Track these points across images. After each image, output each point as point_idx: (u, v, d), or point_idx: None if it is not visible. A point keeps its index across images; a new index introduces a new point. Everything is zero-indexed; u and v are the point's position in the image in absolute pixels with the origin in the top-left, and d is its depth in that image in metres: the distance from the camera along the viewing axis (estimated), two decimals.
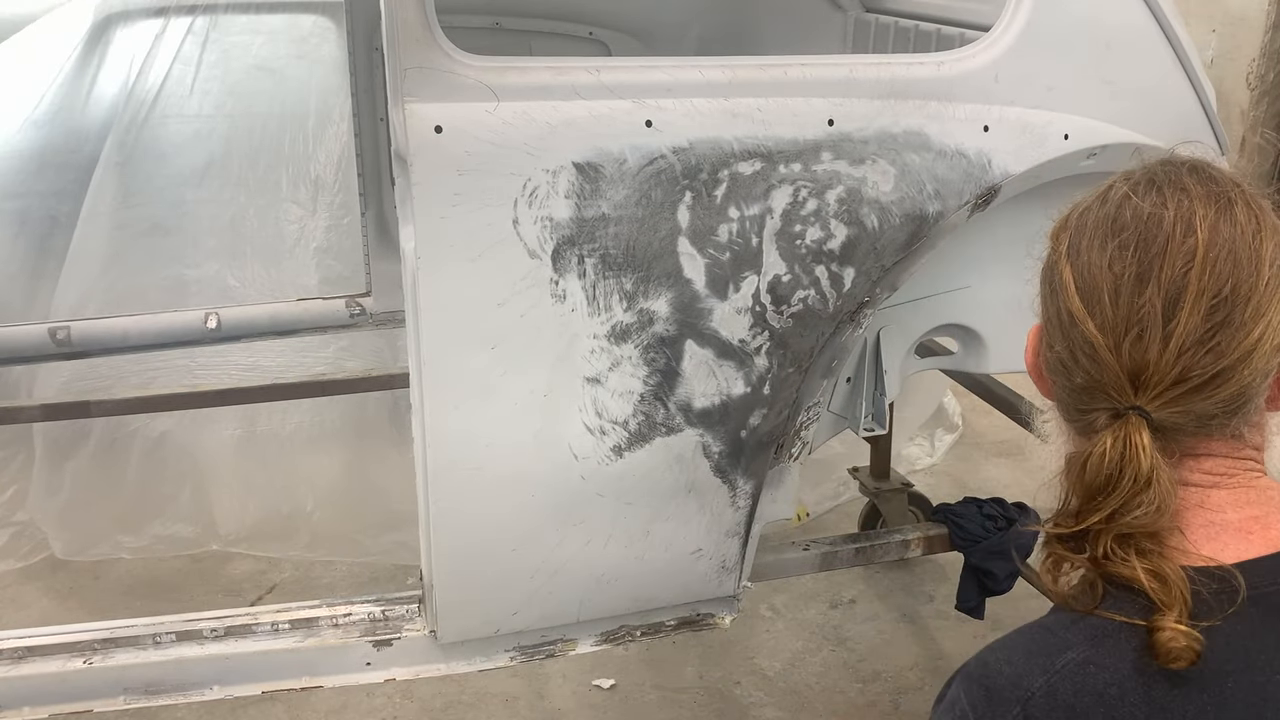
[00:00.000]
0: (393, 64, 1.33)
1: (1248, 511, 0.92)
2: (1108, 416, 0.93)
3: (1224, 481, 0.93)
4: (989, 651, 0.93)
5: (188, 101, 2.84)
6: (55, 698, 1.63)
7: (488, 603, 1.65)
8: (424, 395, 1.46)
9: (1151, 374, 0.91)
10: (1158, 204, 0.93)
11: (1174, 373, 0.90)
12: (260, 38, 2.93)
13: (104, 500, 2.88)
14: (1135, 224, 0.93)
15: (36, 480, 2.87)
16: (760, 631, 2.67)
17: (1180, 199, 0.94)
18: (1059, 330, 0.97)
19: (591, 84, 1.40)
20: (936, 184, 1.55)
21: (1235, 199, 0.94)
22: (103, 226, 2.80)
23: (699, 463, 1.63)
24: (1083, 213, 1.00)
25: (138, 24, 2.84)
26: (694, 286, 1.51)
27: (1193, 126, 1.75)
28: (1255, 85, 3.91)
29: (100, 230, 2.80)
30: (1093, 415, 0.95)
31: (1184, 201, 0.93)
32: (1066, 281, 0.96)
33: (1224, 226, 0.91)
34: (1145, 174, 0.98)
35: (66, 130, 2.82)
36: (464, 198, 1.37)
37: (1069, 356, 0.95)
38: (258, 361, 2.83)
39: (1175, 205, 0.93)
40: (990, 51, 1.58)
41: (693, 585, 1.76)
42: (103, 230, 2.80)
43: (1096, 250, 0.94)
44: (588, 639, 1.77)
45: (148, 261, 2.83)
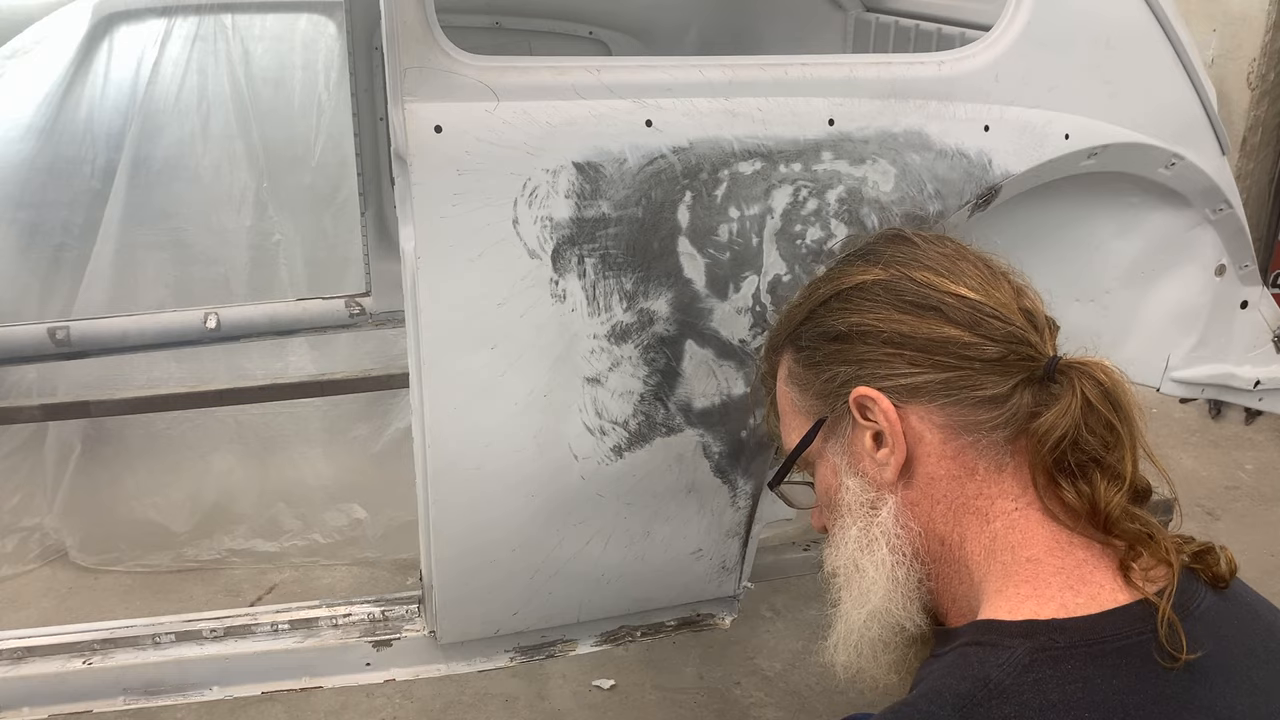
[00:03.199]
0: (392, 63, 1.33)
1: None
2: (1030, 386, 0.97)
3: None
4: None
5: (195, 106, 2.83)
6: (55, 698, 1.63)
7: (488, 603, 1.65)
8: (424, 395, 1.45)
9: (1045, 325, 1.02)
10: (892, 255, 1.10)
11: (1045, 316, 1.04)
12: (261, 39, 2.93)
13: (120, 505, 2.89)
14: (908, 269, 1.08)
15: (54, 486, 2.87)
16: (760, 632, 2.67)
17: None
18: (948, 321, 1.00)
19: (591, 84, 1.40)
20: (937, 184, 1.55)
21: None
22: (122, 238, 2.80)
23: (699, 463, 1.62)
24: (861, 285, 1.09)
25: (137, 25, 2.84)
26: (694, 286, 1.51)
27: (1193, 126, 1.75)
28: (1256, 85, 3.90)
29: (121, 242, 2.79)
30: (1012, 388, 0.97)
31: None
32: (935, 281, 1.02)
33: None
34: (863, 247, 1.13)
35: (74, 137, 2.81)
36: (464, 197, 1.37)
37: (974, 332, 0.98)
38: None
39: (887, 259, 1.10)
40: (991, 51, 1.58)
41: (693, 585, 1.76)
42: (123, 242, 2.80)
43: (935, 257, 1.06)
44: (588, 639, 1.77)
45: (166, 272, 2.83)
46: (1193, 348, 1.95)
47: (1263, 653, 0.89)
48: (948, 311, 1.00)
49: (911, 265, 1.05)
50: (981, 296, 1.00)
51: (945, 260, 1.05)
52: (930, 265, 1.04)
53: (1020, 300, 1.03)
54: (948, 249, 1.07)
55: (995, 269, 1.06)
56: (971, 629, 0.90)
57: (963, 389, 0.98)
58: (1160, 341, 1.94)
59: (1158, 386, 1.98)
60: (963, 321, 0.99)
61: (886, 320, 1.02)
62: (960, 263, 1.05)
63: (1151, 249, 1.86)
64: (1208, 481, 3.52)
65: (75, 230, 2.82)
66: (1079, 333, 1.88)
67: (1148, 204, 1.82)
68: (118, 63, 2.81)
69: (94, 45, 2.80)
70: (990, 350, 0.97)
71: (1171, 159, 1.73)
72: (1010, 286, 1.04)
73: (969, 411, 0.98)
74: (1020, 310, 1.01)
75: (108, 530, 2.87)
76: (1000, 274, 1.06)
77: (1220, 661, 0.85)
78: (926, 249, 1.08)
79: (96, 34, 2.80)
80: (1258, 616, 0.94)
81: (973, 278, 1.03)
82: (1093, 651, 0.82)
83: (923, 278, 1.03)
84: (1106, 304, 1.90)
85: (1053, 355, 0.99)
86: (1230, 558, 0.95)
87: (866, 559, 1.02)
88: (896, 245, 1.10)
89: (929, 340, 0.99)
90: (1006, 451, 0.97)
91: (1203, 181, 1.77)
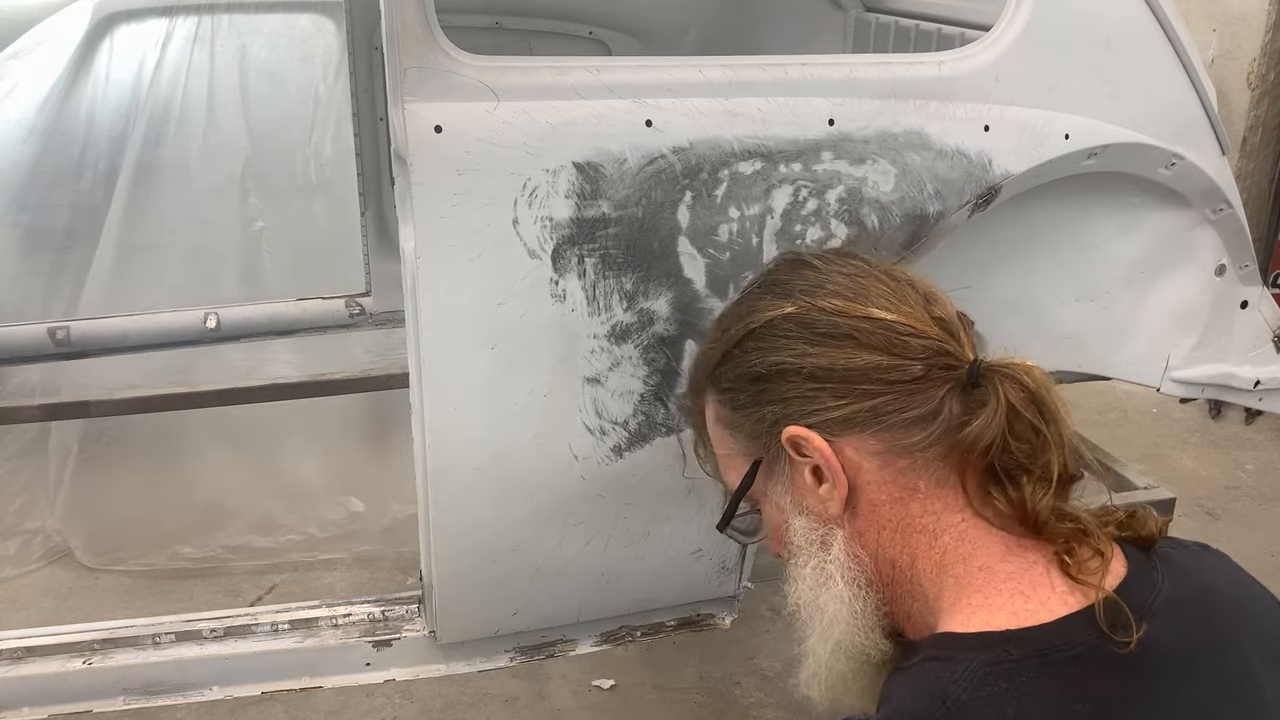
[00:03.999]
0: (392, 63, 1.33)
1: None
2: (956, 393, 0.97)
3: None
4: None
5: (196, 108, 2.83)
6: (55, 698, 1.63)
7: (488, 603, 1.65)
8: (424, 395, 1.45)
9: (956, 324, 1.01)
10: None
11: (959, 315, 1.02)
12: (260, 39, 2.93)
13: (122, 504, 2.89)
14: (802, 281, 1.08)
15: (55, 488, 2.88)
16: (761, 632, 2.67)
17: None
18: (865, 346, 0.98)
19: (591, 84, 1.40)
20: (937, 184, 1.55)
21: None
22: (125, 240, 2.80)
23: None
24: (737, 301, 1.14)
25: (137, 25, 2.84)
26: (694, 286, 1.51)
27: (1193, 126, 1.75)
28: (1256, 85, 3.90)
29: (123, 244, 2.79)
30: (939, 402, 0.96)
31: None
32: (845, 307, 1.01)
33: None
34: (768, 278, 1.13)
35: (75, 138, 2.81)
36: (464, 197, 1.37)
37: (892, 355, 0.97)
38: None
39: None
40: (991, 51, 1.58)
41: (693, 585, 1.76)
42: (126, 244, 2.80)
43: (841, 278, 1.05)
44: (588, 639, 1.77)
45: (169, 273, 2.83)
46: (1193, 348, 1.95)
47: (1230, 639, 0.89)
48: (861, 338, 0.99)
49: (818, 293, 1.04)
50: (893, 314, 1.00)
51: (850, 282, 1.04)
52: (836, 290, 1.04)
53: (931, 308, 1.02)
54: (850, 268, 1.07)
55: (900, 279, 1.05)
56: (930, 643, 0.91)
57: (891, 413, 0.97)
58: (1160, 341, 1.94)
59: (1158, 386, 1.98)
60: (879, 345, 0.98)
61: (803, 356, 1.01)
62: (865, 280, 1.04)
63: (1152, 249, 1.86)
64: (1208, 481, 3.52)
65: (78, 232, 2.82)
66: (1079, 333, 1.90)
67: (1148, 204, 1.82)
68: (118, 63, 2.81)
69: (94, 45, 2.80)
70: (911, 369, 0.97)
71: (1171, 159, 1.73)
72: (918, 294, 1.03)
73: (901, 434, 0.97)
74: (933, 320, 1.01)
75: (110, 530, 2.88)
76: (906, 284, 1.05)
77: (1182, 655, 0.85)
78: (829, 272, 1.07)
79: (96, 34, 2.80)
80: (1229, 602, 0.94)
81: (880, 295, 1.02)
82: (1046, 662, 0.82)
83: (831, 305, 1.02)
84: (1106, 304, 1.90)
85: (973, 359, 0.99)
86: (1154, 518, 0.98)
87: (825, 595, 1.02)
88: (799, 271, 1.09)
89: (849, 370, 0.98)
90: (945, 465, 0.97)
91: (1203, 181, 1.77)
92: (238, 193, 2.89)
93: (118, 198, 2.78)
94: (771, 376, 1.03)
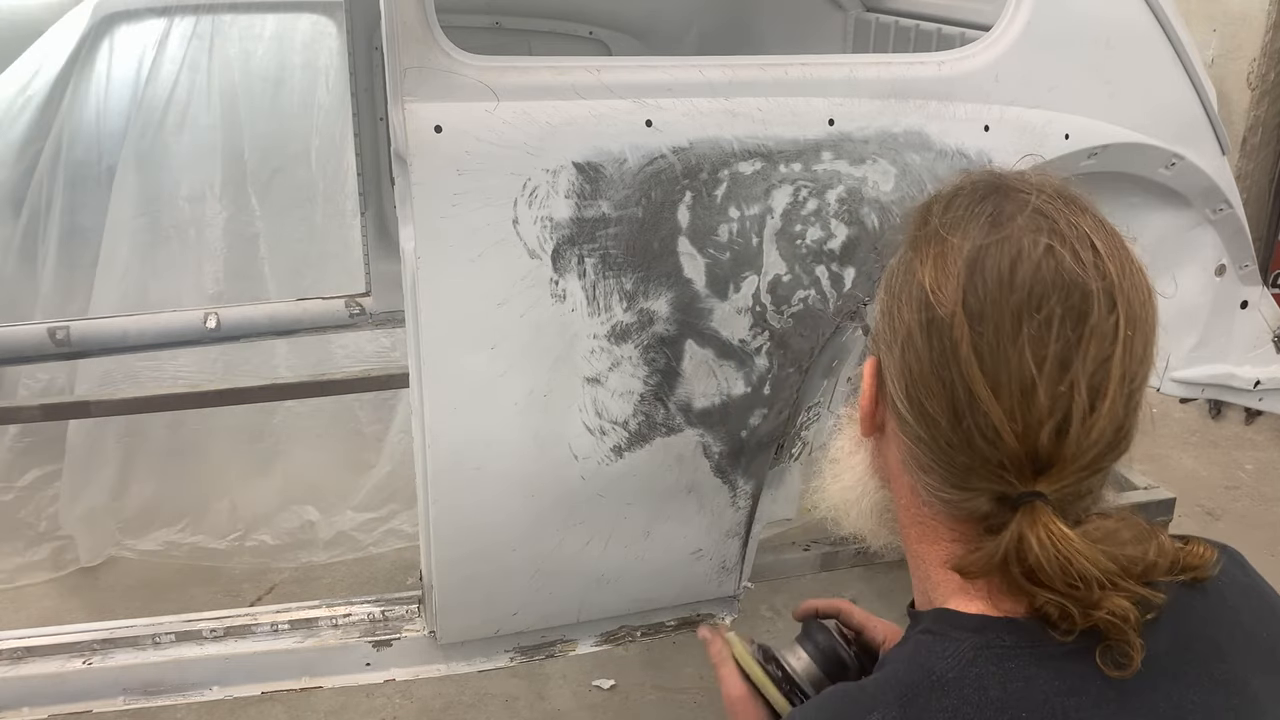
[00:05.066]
0: (392, 63, 1.33)
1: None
2: (992, 499, 0.84)
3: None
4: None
5: (194, 106, 2.84)
6: (55, 698, 1.63)
7: (488, 603, 1.65)
8: (424, 395, 1.45)
9: (1067, 462, 0.81)
10: (1075, 265, 0.81)
11: (1088, 458, 0.81)
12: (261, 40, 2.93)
13: (128, 504, 2.90)
14: (1056, 293, 0.81)
15: (65, 488, 2.89)
16: (761, 632, 2.67)
17: (1092, 256, 0.83)
18: (945, 403, 0.84)
19: (591, 84, 1.40)
20: (937, 184, 1.55)
21: (1125, 243, 0.87)
22: (128, 239, 2.80)
23: (699, 463, 1.62)
24: (976, 252, 0.84)
25: (137, 25, 2.84)
26: (694, 286, 1.51)
27: (1193, 126, 1.75)
28: (1256, 85, 3.90)
29: (126, 243, 2.80)
30: (969, 494, 0.85)
31: (1099, 261, 0.82)
32: (966, 356, 0.82)
33: (1134, 290, 0.83)
34: (1036, 212, 0.85)
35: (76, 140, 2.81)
36: (464, 197, 1.37)
37: (956, 434, 0.83)
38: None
39: (1093, 266, 0.82)
40: (990, 51, 1.58)
41: (693, 585, 1.76)
42: (129, 242, 2.80)
43: (1009, 323, 0.81)
44: (588, 639, 1.77)
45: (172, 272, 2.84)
46: (1193, 348, 1.95)
47: (1228, 644, 0.88)
48: (956, 398, 0.83)
49: (986, 316, 0.82)
50: (998, 403, 0.81)
51: (1018, 334, 0.81)
52: (999, 332, 0.81)
53: (1046, 407, 0.80)
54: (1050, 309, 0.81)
55: (1067, 362, 0.81)
56: (931, 616, 0.90)
57: (928, 464, 0.88)
58: (1160, 341, 1.94)
59: (1158, 387, 1.98)
60: (954, 411, 0.83)
61: (909, 344, 0.87)
62: (1033, 325, 0.80)
63: (1152, 249, 1.87)
64: (1208, 481, 3.52)
65: (79, 233, 2.82)
66: None
67: (1148, 204, 1.82)
68: (118, 63, 2.81)
69: (94, 45, 2.80)
70: (957, 458, 0.84)
71: (1171, 159, 1.73)
72: (1051, 397, 0.80)
73: (926, 478, 0.89)
74: (1034, 424, 0.80)
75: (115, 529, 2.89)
76: (1065, 340, 0.80)
77: (1175, 660, 0.84)
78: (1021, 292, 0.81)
79: (96, 34, 2.80)
80: (1231, 607, 0.91)
81: (1016, 358, 0.81)
82: (1038, 653, 0.82)
83: (968, 351, 0.81)
84: None
85: (1026, 492, 0.82)
86: (1210, 554, 0.89)
87: (847, 463, 1.04)
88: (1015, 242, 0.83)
89: (918, 398, 0.86)
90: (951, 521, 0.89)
91: (1203, 181, 1.77)
92: (238, 192, 2.89)
93: (117, 198, 2.78)
94: (894, 307, 0.90)
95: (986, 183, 0.91)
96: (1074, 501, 0.84)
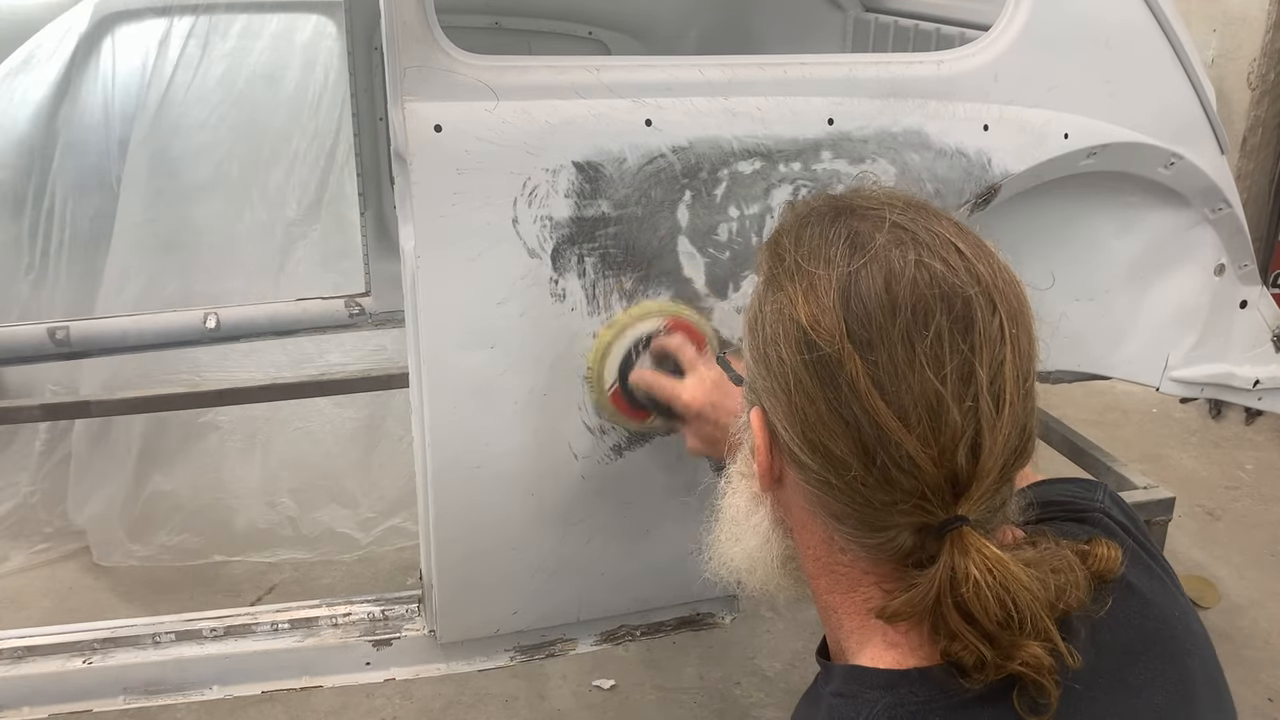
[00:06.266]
0: (392, 63, 1.33)
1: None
2: (914, 532, 0.80)
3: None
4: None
5: (197, 107, 2.84)
6: (55, 698, 1.63)
7: (488, 602, 1.65)
8: (424, 395, 1.45)
9: (984, 477, 0.78)
10: (947, 273, 0.79)
11: (999, 468, 0.79)
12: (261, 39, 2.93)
13: (139, 503, 2.90)
14: (938, 305, 0.78)
15: (73, 487, 2.89)
16: (761, 632, 2.67)
17: (960, 260, 0.80)
18: (852, 443, 0.78)
19: (591, 83, 1.40)
20: (936, 183, 1.55)
21: (983, 240, 0.84)
22: (137, 243, 2.81)
23: (699, 462, 1.62)
24: (847, 279, 0.80)
25: (137, 24, 2.84)
26: (694, 285, 1.51)
27: (1192, 126, 1.75)
28: (1256, 85, 3.90)
29: (136, 247, 2.81)
30: (890, 532, 0.81)
31: (968, 265, 0.80)
32: (866, 389, 0.77)
33: (1007, 286, 0.81)
34: (894, 226, 0.82)
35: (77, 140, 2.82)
36: (463, 197, 1.37)
37: (870, 473, 0.78)
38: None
39: (964, 271, 0.79)
40: (990, 51, 1.58)
41: (693, 585, 1.76)
42: (138, 247, 2.81)
43: (901, 346, 0.77)
44: (588, 639, 1.77)
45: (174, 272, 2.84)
46: (1192, 347, 1.95)
47: (1139, 646, 0.86)
48: (853, 432, 0.78)
49: (875, 343, 0.78)
50: (910, 434, 0.77)
51: (912, 356, 0.77)
52: (892, 358, 0.77)
53: (957, 432, 0.77)
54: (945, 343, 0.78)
55: (972, 373, 0.78)
56: (840, 675, 0.86)
57: (837, 505, 0.83)
58: (1160, 341, 1.94)
59: (1157, 386, 1.98)
60: (863, 448, 0.78)
61: (796, 378, 0.81)
62: (928, 349, 0.77)
63: (1151, 248, 1.87)
64: (1208, 481, 3.52)
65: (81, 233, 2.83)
66: (1078, 332, 1.90)
67: (1147, 203, 1.82)
68: (118, 63, 2.82)
69: (94, 45, 2.80)
70: (877, 496, 0.79)
71: (1171, 158, 1.73)
72: (959, 413, 0.77)
73: (837, 524, 0.84)
74: (949, 451, 0.77)
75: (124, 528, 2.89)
76: (976, 371, 0.78)
77: (1090, 672, 0.81)
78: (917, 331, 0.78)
79: (96, 34, 2.80)
80: (1140, 593, 0.89)
81: (921, 396, 0.77)
82: (951, 703, 0.78)
83: (866, 384, 0.77)
84: (1106, 303, 1.90)
85: (952, 517, 0.78)
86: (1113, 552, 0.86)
87: (748, 522, 0.97)
88: (887, 254, 0.80)
89: (822, 447, 0.81)
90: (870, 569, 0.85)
91: (1202, 181, 1.77)
92: (238, 192, 2.89)
93: (125, 200, 2.79)
94: (769, 352, 0.85)
95: (829, 207, 0.88)
96: (990, 517, 0.81)
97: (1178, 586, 0.95)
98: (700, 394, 1.36)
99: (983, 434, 0.77)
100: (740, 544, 0.99)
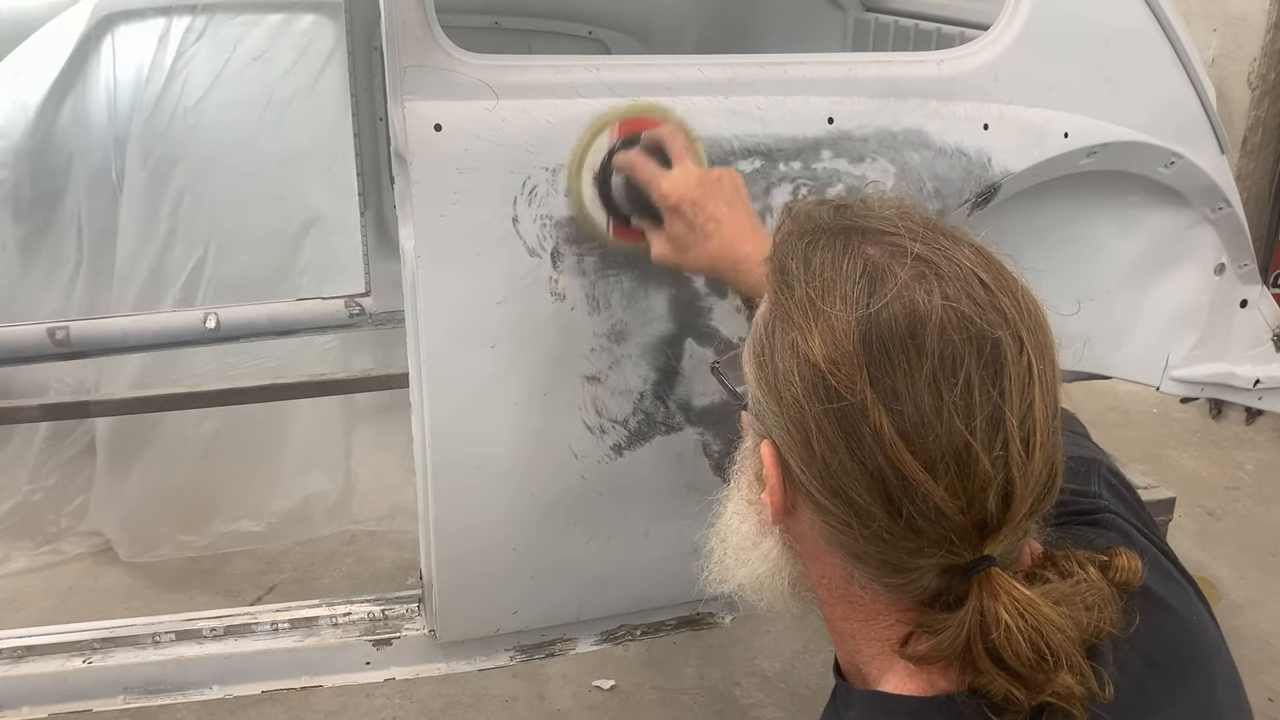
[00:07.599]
0: (392, 62, 1.33)
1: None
2: (939, 573, 0.78)
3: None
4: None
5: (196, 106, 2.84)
6: (55, 697, 1.63)
7: (488, 602, 1.65)
8: (424, 395, 1.45)
9: (1014, 519, 0.76)
10: (974, 313, 0.75)
11: (1029, 506, 0.77)
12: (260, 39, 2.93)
13: (162, 502, 2.91)
14: (967, 350, 0.74)
15: (98, 486, 2.89)
16: (761, 632, 2.67)
17: (985, 294, 0.76)
18: (878, 493, 0.75)
19: (591, 82, 1.40)
20: (936, 182, 1.55)
21: (1003, 263, 0.80)
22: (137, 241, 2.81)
23: (699, 461, 1.62)
24: (868, 323, 0.75)
25: (137, 24, 2.84)
26: (694, 285, 1.51)
27: (1192, 125, 1.75)
28: (1256, 85, 3.91)
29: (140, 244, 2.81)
30: (914, 574, 0.78)
31: (993, 299, 0.76)
32: (892, 440, 0.74)
33: (1032, 319, 0.78)
34: (916, 259, 0.77)
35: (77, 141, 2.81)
36: (464, 196, 1.37)
37: (895, 523, 0.75)
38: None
39: (991, 308, 0.76)
40: (990, 50, 1.58)
41: (693, 584, 1.76)
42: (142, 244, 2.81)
43: (928, 396, 0.73)
44: (588, 638, 1.77)
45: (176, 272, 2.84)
46: (1192, 347, 1.95)
47: (1162, 657, 0.85)
48: (877, 481, 0.75)
49: (901, 393, 0.74)
50: (937, 484, 0.74)
51: (940, 405, 0.74)
52: (919, 407, 0.74)
53: (986, 474, 0.74)
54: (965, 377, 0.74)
55: (1000, 417, 0.74)
56: (861, 701, 0.84)
57: (859, 547, 0.80)
58: (1160, 340, 1.94)
59: (1158, 385, 1.98)
60: (888, 497, 0.75)
61: (816, 427, 0.77)
62: (957, 392, 0.74)
63: (1151, 248, 1.86)
64: (1208, 481, 3.52)
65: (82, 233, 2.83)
66: (1079, 333, 1.90)
67: (1147, 203, 1.82)
68: (118, 63, 2.81)
69: (94, 45, 2.80)
70: (903, 543, 0.77)
71: (1171, 158, 1.73)
72: (989, 462, 0.74)
73: (860, 565, 0.81)
74: (976, 494, 0.74)
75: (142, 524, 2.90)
76: (1000, 428, 0.74)
77: (1114, 689, 0.78)
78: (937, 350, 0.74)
79: (96, 34, 2.80)
80: (1167, 610, 0.88)
81: (954, 439, 0.73)
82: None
83: (891, 434, 0.74)
84: (1106, 303, 1.90)
85: (981, 558, 0.76)
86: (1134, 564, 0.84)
87: (757, 551, 0.94)
88: (912, 294, 0.75)
89: (843, 493, 0.77)
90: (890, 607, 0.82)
91: (1202, 180, 1.77)
92: (238, 191, 2.89)
93: (128, 200, 2.79)
94: (783, 392, 0.80)
95: (838, 226, 0.83)
96: (1015, 547, 0.79)
97: (1189, 580, 0.94)
98: (681, 186, 1.30)
99: (1014, 481, 0.75)
100: (748, 568, 0.95)
